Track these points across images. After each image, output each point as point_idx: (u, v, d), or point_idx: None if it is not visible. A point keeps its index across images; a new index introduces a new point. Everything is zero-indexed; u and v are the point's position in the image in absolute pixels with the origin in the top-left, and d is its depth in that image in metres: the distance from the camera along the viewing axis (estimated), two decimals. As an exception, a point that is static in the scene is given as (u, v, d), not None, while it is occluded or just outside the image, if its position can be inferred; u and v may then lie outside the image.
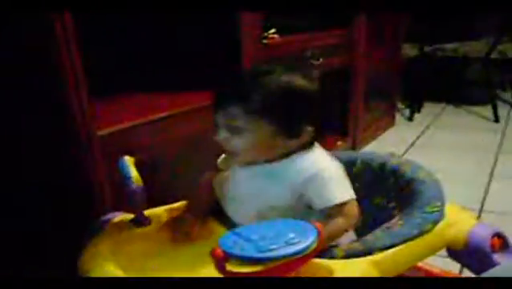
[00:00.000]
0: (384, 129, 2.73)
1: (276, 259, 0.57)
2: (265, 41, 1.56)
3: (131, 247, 0.86)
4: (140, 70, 1.51)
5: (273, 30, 1.62)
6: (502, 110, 2.94)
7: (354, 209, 0.79)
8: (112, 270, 0.76)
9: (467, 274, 1.22)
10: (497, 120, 2.81)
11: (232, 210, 0.87)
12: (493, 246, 0.85)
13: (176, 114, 1.23)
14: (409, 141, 2.52)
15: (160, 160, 0.90)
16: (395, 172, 0.95)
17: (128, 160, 0.85)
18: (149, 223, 0.91)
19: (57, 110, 0.97)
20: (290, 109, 0.78)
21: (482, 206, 1.70)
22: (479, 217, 1.61)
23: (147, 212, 0.91)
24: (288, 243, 0.57)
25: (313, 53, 1.81)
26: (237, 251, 0.58)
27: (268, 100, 0.76)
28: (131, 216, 0.92)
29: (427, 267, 1.13)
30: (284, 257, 0.57)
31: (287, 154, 0.81)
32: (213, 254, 0.59)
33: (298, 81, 0.78)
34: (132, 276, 0.74)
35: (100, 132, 1.03)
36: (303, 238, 0.58)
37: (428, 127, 2.81)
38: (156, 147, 1.14)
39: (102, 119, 1.06)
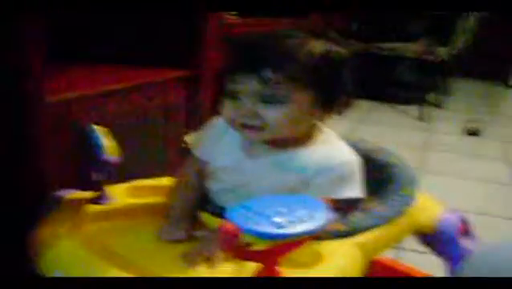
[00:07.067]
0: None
1: (294, 236, 0.52)
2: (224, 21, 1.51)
3: (90, 226, 0.79)
4: (102, 43, 1.40)
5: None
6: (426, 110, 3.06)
7: None
8: (72, 249, 0.71)
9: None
10: (422, 118, 2.94)
11: (229, 200, 0.76)
12: (460, 232, 0.88)
13: (128, 87, 1.18)
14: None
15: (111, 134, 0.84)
16: (366, 157, 0.93)
17: (99, 129, 0.76)
18: (109, 201, 0.84)
19: (12, 74, 0.90)
20: (332, 76, 0.71)
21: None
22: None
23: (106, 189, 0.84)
24: (302, 220, 0.52)
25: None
26: (252, 226, 0.51)
27: (311, 65, 0.68)
28: (87, 193, 0.85)
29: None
30: (303, 234, 0.52)
31: (305, 137, 0.74)
32: (222, 229, 0.52)
33: (337, 48, 0.72)
34: (93, 256, 0.69)
35: (50, 99, 0.96)
36: (316, 215, 0.54)
37: (357, 122, 2.87)
38: (107, 119, 1.07)
39: (54, 87, 1.01)
